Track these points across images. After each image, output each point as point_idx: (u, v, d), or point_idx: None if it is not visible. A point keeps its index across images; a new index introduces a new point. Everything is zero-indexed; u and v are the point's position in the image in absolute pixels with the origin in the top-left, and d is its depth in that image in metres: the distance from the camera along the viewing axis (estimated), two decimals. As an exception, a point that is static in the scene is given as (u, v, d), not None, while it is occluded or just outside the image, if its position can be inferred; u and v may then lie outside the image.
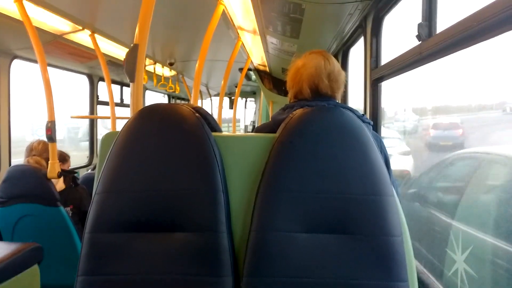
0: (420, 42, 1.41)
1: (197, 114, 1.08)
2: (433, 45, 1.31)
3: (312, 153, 1.00)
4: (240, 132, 8.91)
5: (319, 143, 1.01)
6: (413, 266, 1.03)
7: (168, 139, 1.04)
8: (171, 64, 4.28)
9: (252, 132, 7.80)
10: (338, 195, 0.98)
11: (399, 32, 2.20)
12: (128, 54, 1.30)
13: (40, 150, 2.52)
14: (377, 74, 2.01)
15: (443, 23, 1.38)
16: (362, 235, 0.97)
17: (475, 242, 1.78)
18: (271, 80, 4.81)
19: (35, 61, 3.20)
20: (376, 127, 2.07)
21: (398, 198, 1.04)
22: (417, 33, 1.42)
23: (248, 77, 5.17)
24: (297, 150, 1.01)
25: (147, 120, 1.07)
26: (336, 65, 1.37)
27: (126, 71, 1.30)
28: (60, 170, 2.41)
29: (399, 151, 4.83)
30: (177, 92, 5.95)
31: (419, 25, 1.40)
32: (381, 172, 1.01)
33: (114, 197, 1.02)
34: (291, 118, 1.09)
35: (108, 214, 1.02)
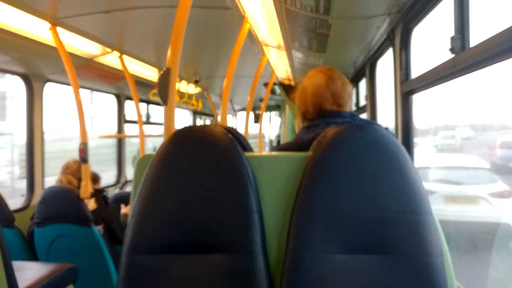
0: (454, 55, 1.38)
1: (229, 135, 1.08)
2: (468, 58, 1.28)
3: (347, 172, 0.99)
4: (266, 147, 8.92)
5: (354, 161, 0.99)
6: (454, 287, 0.99)
7: (202, 161, 1.05)
8: (196, 82, 4.35)
9: (275, 148, 7.79)
10: (375, 214, 0.97)
11: (428, 44, 2.16)
12: (160, 78, 1.32)
13: (74, 170, 2.60)
14: (408, 87, 1.97)
15: (475, 35, 1.35)
16: (400, 255, 0.95)
17: None
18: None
19: (66, 84, 3.32)
20: (408, 141, 2.02)
21: None
22: (450, 46, 1.39)
23: (272, 91, 5.18)
24: (332, 169, 1.00)
25: (181, 142, 1.08)
26: (339, 80, 1.38)
27: (159, 95, 1.32)
28: (92, 191, 2.47)
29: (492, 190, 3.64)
30: (199, 109, 6.03)
31: (452, 38, 1.37)
32: (418, 189, 0.98)
33: (150, 219, 1.04)
34: (323, 136, 1.07)
35: (145, 236, 1.03)
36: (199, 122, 8.17)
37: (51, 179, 2.90)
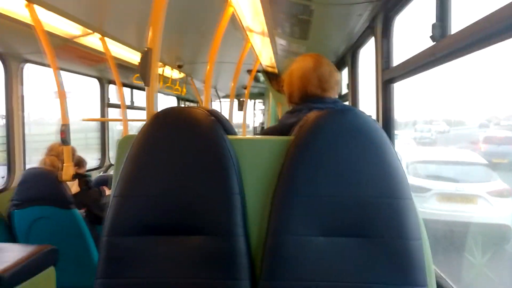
0: (434, 43, 1.40)
1: (212, 117, 1.08)
2: (447, 45, 1.31)
3: (328, 156, 1.00)
4: (249, 134, 8.91)
5: (335, 146, 1.01)
6: (431, 271, 1.02)
7: (184, 142, 1.05)
8: (179, 67, 4.30)
9: (260, 134, 7.79)
10: (354, 198, 0.99)
11: (409, 32, 2.19)
12: (142, 59, 1.31)
13: (59, 151, 2.56)
14: (388, 75, 2.00)
15: (456, 23, 1.37)
16: (379, 238, 0.97)
17: None
18: (280, 81, 4.82)
19: (46, 65, 3.24)
20: (389, 129, 2.06)
21: None
22: (430, 34, 1.41)
23: (256, 79, 5.17)
24: (312, 154, 1.01)
25: (163, 124, 1.08)
26: (328, 66, 1.40)
27: (140, 75, 1.31)
28: (74, 173, 2.44)
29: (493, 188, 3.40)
30: (183, 94, 5.98)
31: (433, 26, 1.40)
32: (398, 174, 1.00)
33: (131, 200, 1.04)
34: (305, 121, 1.09)
35: (125, 217, 1.03)
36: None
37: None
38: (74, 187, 2.61)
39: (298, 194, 0.99)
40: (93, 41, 2.95)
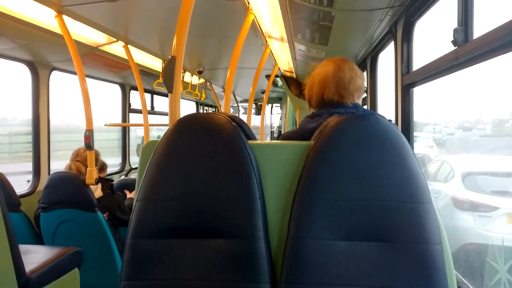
0: (456, 47, 1.40)
1: (233, 123, 1.10)
2: (470, 50, 1.30)
3: (349, 161, 1.01)
4: (267, 138, 8.93)
5: (356, 150, 1.01)
6: (452, 275, 1.01)
7: (206, 148, 1.07)
8: (199, 73, 4.36)
9: (278, 138, 7.80)
10: (375, 202, 0.99)
11: (431, 37, 2.17)
12: (166, 66, 1.35)
13: (84, 157, 2.64)
14: (409, 80, 1.99)
15: (478, 28, 1.36)
16: (400, 243, 0.97)
17: None
18: (298, 86, 4.83)
19: (72, 72, 3.35)
20: (408, 133, 2.05)
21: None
22: (452, 38, 1.41)
23: (274, 84, 5.19)
24: (333, 158, 1.02)
25: (186, 129, 1.11)
26: (349, 72, 1.38)
27: (164, 83, 1.35)
28: (97, 177, 2.51)
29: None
30: (202, 99, 6.06)
31: (455, 30, 1.39)
32: (418, 179, 1.00)
33: (155, 204, 1.06)
34: (325, 126, 1.10)
35: (149, 221, 1.06)
36: (202, 112, 8.19)
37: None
38: (97, 191, 2.68)
39: (318, 198, 1.00)
40: (117, 48, 3.04)
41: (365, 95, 3.20)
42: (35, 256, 2.07)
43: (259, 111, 6.90)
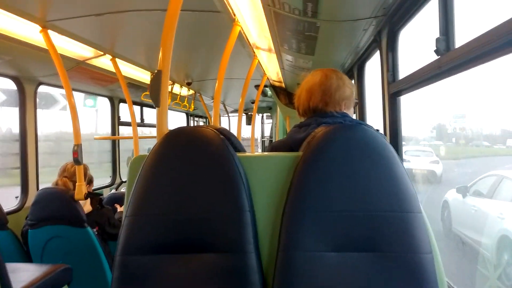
0: (439, 56, 1.42)
1: (221, 136, 1.11)
2: (452, 59, 1.32)
3: (337, 171, 1.02)
4: (258, 150, 8.93)
5: (343, 161, 1.02)
6: (444, 284, 1.02)
7: (195, 162, 1.07)
8: (188, 84, 4.37)
9: (267, 148, 7.80)
10: (365, 213, 0.99)
11: (415, 45, 2.21)
12: (152, 80, 1.35)
13: (71, 172, 2.61)
14: (395, 88, 2.02)
15: (460, 37, 1.39)
16: (390, 253, 0.97)
17: None
18: (287, 95, 4.86)
19: (59, 86, 3.33)
20: (396, 141, 2.06)
21: None
22: (435, 48, 1.43)
23: (264, 93, 5.22)
24: (321, 169, 1.02)
25: (173, 143, 1.10)
26: (336, 81, 1.39)
27: (151, 97, 1.34)
28: (86, 192, 2.48)
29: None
30: (191, 110, 6.06)
31: (437, 40, 1.42)
32: (407, 188, 1.01)
33: (144, 220, 1.06)
34: (313, 136, 1.11)
35: (138, 237, 1.05)
36: (192, 123, 8.19)
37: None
38: (86, 206, 2.65)
39: (307, 209, 1.00)
40: (105, 62, 3.03)
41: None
42: (23, 274, 2.03)
43: (249, 121, 6.91)
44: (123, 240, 1.05)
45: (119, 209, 3.10)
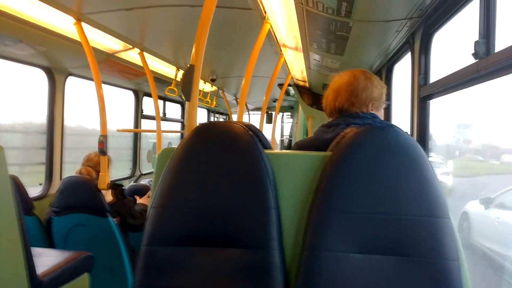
0: (477, 60, 1.38)
1: (250, 132, 1.10)
2: (492, 63, 1.28)
3: (366, 173, 1.00)
4: (277, 148, 8.91)
5: (374, 163, 1.00)
6: None
7: (223, 157, 1.07)
8: (213, 80, 4.39)
9: (289, 148, 7.77)
10: (392, 216, 0.98)
11: (449, 49, 2.15)
12: (184, 74, 1.35)
13: (95, 162, 2.66)
14: (426, 92, 1.97)
15: (500, 41, 1.35)
16: (417, 257, 0.96)
17: None
18: (311, 95, 4.82)
19: (87, 78, 3.39)
20: (424, 146, 2.02)
21: None
22: (473, 51, 1.39)
23: (286, 92, 5.20)
24: (350, 170, 1.01)
25: (203, 137, 1.11)
26: (364, 81, 1.37)
27: (182, 91, 1.35)
28: (109, 182, 2.52)
29: None
30: (212, 107, 6.09)
31: (476, 43, 1.37)
32: (437, 193, 0.99)
33: (170, 212, 1.06)
34: (343, 137, 1.09)
35: (164, 228, 1.06)
36: (213, 120, 8.23)
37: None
38: (108, 196, 2.69)
39: (335, 210, 0.99)
40: (133, 55, 3.08)
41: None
42: (47, 259, 2.08)
43: (270, 119, 6.90)
44: (149, 230, 1.06)
45: (139, 200, 3.14)
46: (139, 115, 4.61)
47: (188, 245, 1.05)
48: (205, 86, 4.78)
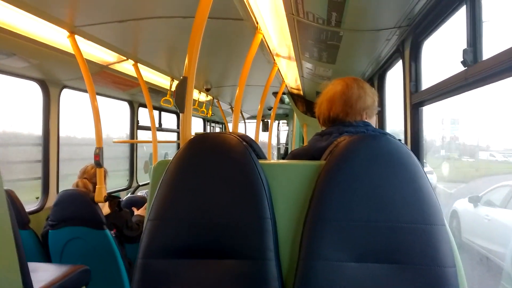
0: (466, 67, 1.40)
1: (244, 143, 1.11)
2: (480, 71, 1.30)
3: (360, 181, 1.01)
4: (273, 157, 8.91)
5: (367, 171, 1.01)
6: None
7: (217, 168, 1.08)
8: (207, 90, 4.41)
9: (285, 156, 7.78)
10: (387, 223, 0.98)
11: (439, 56, 2.18)
12: (178, 86, 1.36)
13: (91, 174, 2.66)
14: (417, 99, 1.99)
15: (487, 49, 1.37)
16: (413, 265, 0.96)
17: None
18: (305, 103, 4.85)
19: (82, 90, 3.40)
20: (418, 152, 2.04)
21: None
22: (462, 59, 1.42)
23: (281, 100, 5.23)
24: (344, 179, 1.02)
25: (197, 149, 1.11)
26: (357, 90, 1.38)
27: (176, 103, 1.36)
28: (106, 194, 2.52)
29: None
30: (209, 116, 6.10)
31: (464, 51, 1.40)
32: (431, 200, 0.99)
33: (166, 224, 1.06)
34: (336, 145, 1.10)
35: (160, 240, 1.06)
36: (209, 129, 8.24)
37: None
38: (104, 208, 2.68)
39: (329, 219, 1.00)
40: (127, 67, 3.09)
41: None
42: (43, 274, 2.06)
43: (266, 127, 6.92)
44: (145, 243, 1.06)
45: (136, 212, 3.14)
46: (135, 126, 4.61)
47: (184, 257, 1.04)
48: (200, 96, 4.80)
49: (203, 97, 4.92)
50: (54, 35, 2.28)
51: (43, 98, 3.13)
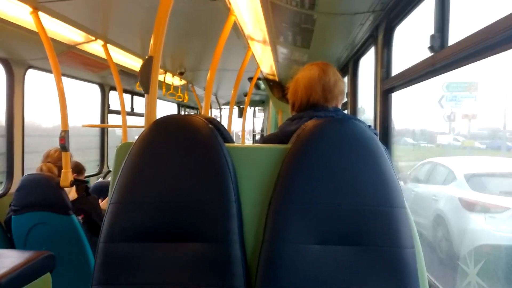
0: (433, 53, 1.41)
1: (210, 125, 1.09)
2: (446, 56, 1.32)
3: (325, 165, 1.01)
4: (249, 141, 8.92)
5: (332, 155, 1.02)
6: (425, 279, 1.04)
7: (182, 150, 1.06)
8: (181, 74, 4.32)
9: (259, 141, 7.79)
10: (350, 206, 1.00)
11: (410, 42, 2.20)
12: (142, 66, 1.32)
13: (55, 158, 2.57)
14: (388, 85, 2.01)
15: (455, 35, 1.39)
16: (374, 246, 0.99)
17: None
18: (281, 89, 4.85)
19: (49, 71, 3.26)
20: (387, 138, 2.06)
21: None
22: (429, 45, 1.43)
23: (257, 86, 5.19)
24: (309, 162, 1.02)
25: (162, 131, 1.09)
26: (333, 76, 1.39)
27: (140, 83, 1.31)
28: (72, 179, 2.44)
29: None
30: (185, 101, 6.01)
31: (432, 37, 1.41)
32: (393, 183, 1.02)
33: (128, 207, 1.04)
34: (303, 129, 1.09)
35: (123, 224, 1.04)
36: (184, 114, 8.15)
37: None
38: (71, 193, 2.61)
39: (294, 202, 1.00)
40: (96, 47, 2.97)
41: (346, 99, 3.22)
42: (5, 260, 1.99)
43: (241, 113, 6.90)
44: (107, 227, 1.04)
45: (101, 203, 3.03)
46: (105, 110, 4.49)
47: (147, 241, 1.03)
48: (174, 80, 4.70)
49: (177, 81, 4.83)
50: (16, 11, 2.15)
51: (7, 79, 2.99)
